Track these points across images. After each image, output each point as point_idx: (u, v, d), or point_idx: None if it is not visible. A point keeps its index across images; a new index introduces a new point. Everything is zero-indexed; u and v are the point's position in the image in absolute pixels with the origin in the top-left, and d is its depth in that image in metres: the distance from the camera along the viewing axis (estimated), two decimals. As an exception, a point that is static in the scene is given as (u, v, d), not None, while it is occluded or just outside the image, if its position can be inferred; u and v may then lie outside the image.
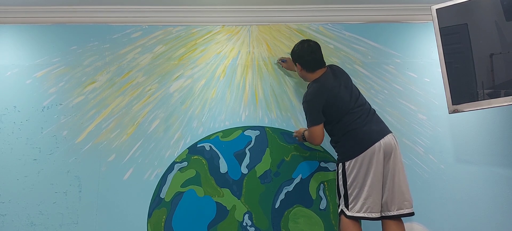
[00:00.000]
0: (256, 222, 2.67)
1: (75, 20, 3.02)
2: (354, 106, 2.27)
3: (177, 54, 2.98)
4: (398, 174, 2.16)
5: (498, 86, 2.28)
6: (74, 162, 2.75)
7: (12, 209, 2.66)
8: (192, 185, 2.72)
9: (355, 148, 2.19)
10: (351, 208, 2.13)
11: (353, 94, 2.33)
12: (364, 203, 2.10)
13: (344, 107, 2.27)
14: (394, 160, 2.16)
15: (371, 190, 2.11)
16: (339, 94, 2.29)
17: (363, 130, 2.20)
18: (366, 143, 2.17)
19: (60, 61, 2.94)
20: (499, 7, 2.31)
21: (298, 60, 2.46)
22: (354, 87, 2.39)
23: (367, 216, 2.10)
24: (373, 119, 2.28)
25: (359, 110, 2.27)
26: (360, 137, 2.20)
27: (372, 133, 2.19)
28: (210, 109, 2.86)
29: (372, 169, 2.12)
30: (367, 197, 2.10)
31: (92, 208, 2.67)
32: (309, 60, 2.40)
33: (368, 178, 2.12)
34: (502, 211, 2.67)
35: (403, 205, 2.14)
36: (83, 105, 2.86)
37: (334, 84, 2.33)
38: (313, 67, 2.41)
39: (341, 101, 2.28)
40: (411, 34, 3.01)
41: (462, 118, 2.82)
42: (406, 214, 2.16)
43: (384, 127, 2.28)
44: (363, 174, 2.13)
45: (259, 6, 3.00)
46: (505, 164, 2.74)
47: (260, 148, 2.78)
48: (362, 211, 2.10)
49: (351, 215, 2.12)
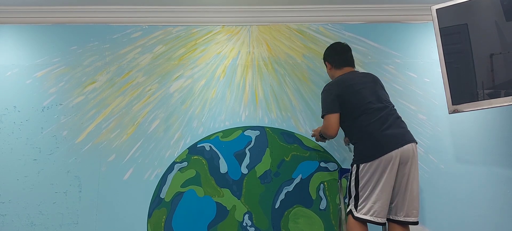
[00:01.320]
0: (256, 222, 2.67)
1: (75, 20, 3.02)
2: (374, 106, 2.18)
3: (177, 54, 2.98)
4: (411, 182, 2.13)
5: (498, 86, 2.27)
6: (74, 162, 2.75)
7: (12, 209, 2.66)
8: (192, 185, 2.72)
9: (371, 152, 2.13)
10: (359, 209, 2.12)
11: (376, 94, 2.24)
12: (372, 207, 2.09)
13: (362, 104, 2.20)
14: (410, 168, 2.11)
15: (381, 195, 2.09)
16: (359, 91, 2.23)
17: (383, 134, 2.13)
18: (382, 148, 2.10)
19: (60, 61, 2.95)
20: (499, 7, 2.31)
21: (328, 57, 2.47)
22: (380, 90, 2.29)
23: (372, 220, 2.09)
24: (396, 123, 2.18)
25: (379, 112, 2.17)
26: (378, 140, 2.13)
27: (391, 138, 2.12)
28: (210, 110, 2.86)
29: (385, 175, 2.08)
30: (375, 201, 2.09)
31: (92, 208, 2.67)
32: (338, 56, 2.41)
33: (380, 183, 2.09)
34: (502, 211, 2.67)
35: (411, 213, 2.14)
36: (83, 105, 2.86)
37: (357, 80, 2.28)
38: (340, 64, 2.40)
39: (360, 97, 2.21)
40: (411, 34, 3.01)
41: (462, 118, 2.82)
42: (410, 222, 2.16)
43: (406, 134, 2.18)
44: (376, 179, 2.10)
45: (259, 6, 3.00)
46: (504, 163, 2.74)
47: (260, 148, 2.78)
48: (369, 215, 2.09)
49: (358, 216, 2.12)
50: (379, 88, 2.31)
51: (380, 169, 2.09)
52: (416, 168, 2.16)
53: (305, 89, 2.91)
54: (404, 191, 2.13)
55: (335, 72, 2.43)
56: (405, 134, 2.17)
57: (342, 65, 2.41)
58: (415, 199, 2.14)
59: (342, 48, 2.45)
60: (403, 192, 2.13)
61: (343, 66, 2.41)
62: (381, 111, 2.18)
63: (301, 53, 2.98)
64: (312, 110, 2.86)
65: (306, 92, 2.90)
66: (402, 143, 2.11)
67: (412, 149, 2.14)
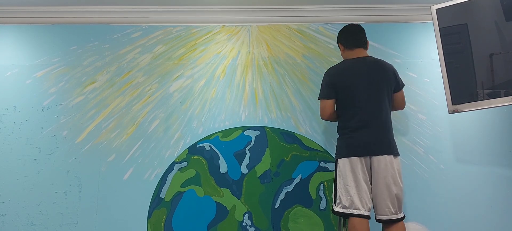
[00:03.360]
0: (256, 222, 2.67)
1: (75, 20, 3.02)
2: (360, 106, 2.18)
3: (177, 54, 2.98)
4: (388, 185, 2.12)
5: (498, 86, 2.27)
6: (74, 162, 2.75)
7: (12, 209, 2.67)
8: (192, 185, 2.72)
9: (343, 151, 2.19)
10: (338, 204, 2.17)
11: (370, 94, 2.19)
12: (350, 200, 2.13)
13: (349, 103, 2.21)
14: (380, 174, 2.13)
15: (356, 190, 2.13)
16: (351, 88, 2.21)
17: (355, 137, 2.16)
18: (350, 151, 2.16)
19: (60, 61, 2.95)
20: (499, 7, 2.31)
21: (340, 38, 2.41)
22: (379, 90, 2.22)
23: (350, 213, 2.12)
24: (375, 131, 2.15)
25: (363, 114, 2.17)
26: (350, 142, 2.18)
27: (362, 144, 2.15)
28: (210, 109, 2.86)
29: (356, 173, 2.13)
30: (352, 195, 2.13)
31: (92, 208, 2.67)
32: (350, 36, 2.36)
33: (352, 179, 2.14)
34: (502, 211, 2.67)
35: (383, 211, 2.14)
36: (83, 105, 2.86)
37: (361, 72, 2.23)
38: (352, 44, 2.34)
39: (350, 94, 2.21)
40: (411, 34, 3.01)
41: (462, 118, 2.82)
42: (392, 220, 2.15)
43: (381, 145, 2.14)
44: (351, 175, 2.15)
45: (259, 6, 3.00)
46: (504, 163, 2.74)
47: (260, 148, 2.78)
48: (346, 208, 2.13)
49: (337, 210, 2.17)
50: (380, 86, 2.23)
51: (352, 167, 2.13)
52: (390, 171, 2.13)
53: (305, 89, 2.91)
54: (375, 191, 2.16)
55: (347, 54, 2.36)
56: (379, 145, 2.15)
57: (353, 46, 2.34)
58: (386, 197, 2.13)
59: (355, 28, 2.38)
60: (375, 191, 2.15)
61: (354, 48, 2.33)
62: (365, 114, 2.18)
63: (301, 53, 2.98)
64: (312, 110, 2.86)
65: (306, 92, 2.90)
66: (371, 153, 2.13)
67: (384, 160, 2.13)
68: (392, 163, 2.15)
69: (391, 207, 2.14)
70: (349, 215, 2.12)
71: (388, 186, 2.13)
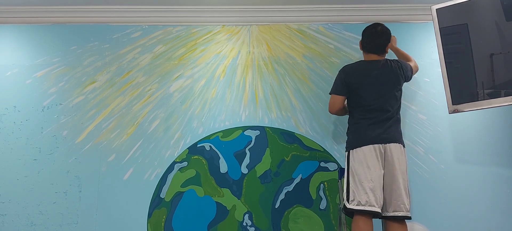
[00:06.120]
0: (256, 222, 2.67)
1: (75, 20, 3.02)
2: (372, 107, 2.23)
3: (177, 54, 2.98)
4: (397, 178, 2.13)
5: (498, 86, 2.28)
6: (74, 162, 2.75)
7: (12, 209, 2.66)
8: (192, 185, 2.72)
9: (357, 142, 2.21)
10: (351, 200, 2.13)
11: (381, 96, 2.25)
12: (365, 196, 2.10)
13: (365, 100, 2.25)
14: (396, 165, 2.14)
15: (370, 183, 2.10)
16: (369, 87, 2.27)
17: (368, 130, 2.21)
18: (365, 140, 2.18)
19: (60, 61, 2.94)
20: (499, 7, 2.31)
21: (362, 37, 2.43)
22: (389, 93, 2.27)
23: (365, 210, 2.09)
24: (385, 128, 2.21)
25: (378, 114, 2.23)
26: (363, 134, 2.21)
27: (375, 136, 2.18)
28: (210, 109, 2.86)
29: (371, 165, 2.13)
30: (366, 190, 2.10)
31: (92, 208, 2.67)
32: (368, 40, 2.38)
33: (366, 172, 2.13)
34: (502, 211, 2.67)
35: (399, 208, 2.14)
36: (83, 105, 2.86)
37: (373, 75, 2.29)
38: (367, 48, 2.39)
39: (363, 94, 2.26)
40: (411, 34, 3.01)
41: (462, 118, 2.82)
42: (402, 217, 2.15)
43: (393, 135, 2.21)
44: (362, 167, 2.14)
45: (259, 6, 3.00)
46: (504, 164, 2.74)
47: (260, 148, 2.78)
48: (361, 205, 2.10)
49: (351, 208, 2.12)
50: (390, 86, 2.28)
51: (365, 158, 2.12)
52: (403, 166, 2.19)
53: (305, 89, 2.91)
54: (391, 187, 2.15)
55: (363, 54, 2.45)
56: (391, 134, 2.21)
57: (368, 51, 2.39)
58: (402, 193, 2.14)
59: (373, 34, 2.37)
60: (390, 187, 2.14)
61: (369, 53, 2.39)
62: (380, 114, 2.23)
63: (301, 53, 2.98)
64: (312, 110, 2.86)
65: (306, 92, 2.90)
66: (385, 141, 2.17)
67: (395, 148, 2.18)
68: (403, 154, 2.21)
69: (406, 203, 2.15)
70: (363, 212, 2.09)
71: (403, 179, 2.16)
